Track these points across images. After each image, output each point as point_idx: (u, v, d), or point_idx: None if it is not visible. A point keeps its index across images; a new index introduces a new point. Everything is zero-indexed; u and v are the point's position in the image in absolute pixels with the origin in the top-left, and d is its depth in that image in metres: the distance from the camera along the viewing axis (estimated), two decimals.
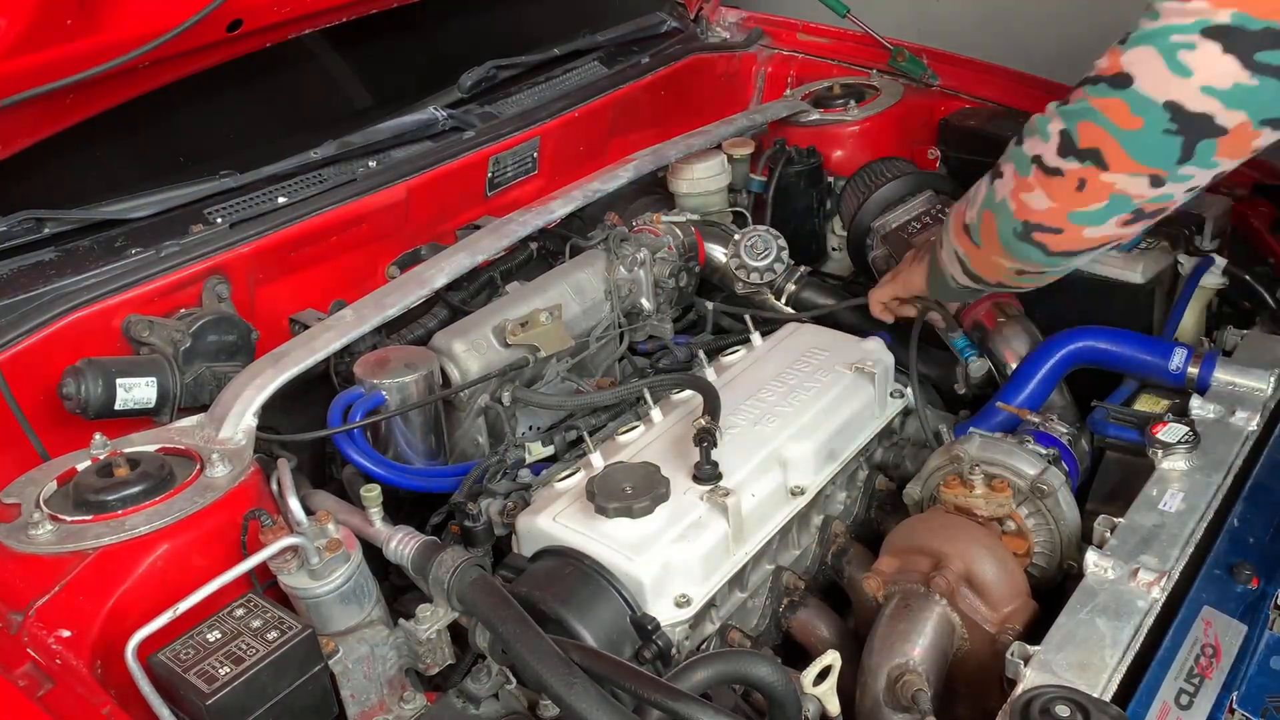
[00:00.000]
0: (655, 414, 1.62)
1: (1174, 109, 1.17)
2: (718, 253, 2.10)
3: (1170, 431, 1.49)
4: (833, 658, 1.25)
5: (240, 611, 1.23)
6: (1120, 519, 1.38)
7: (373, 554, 1.39)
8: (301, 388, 1.62)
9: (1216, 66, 1.14)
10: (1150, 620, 1.24)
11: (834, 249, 2.39)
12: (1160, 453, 1.47)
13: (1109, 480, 1.68)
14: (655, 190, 2.30)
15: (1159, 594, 1.26)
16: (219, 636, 1.19)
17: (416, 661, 1.35)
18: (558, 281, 1.89)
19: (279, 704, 1.18)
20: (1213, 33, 1.14)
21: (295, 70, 2.14)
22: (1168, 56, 1.16)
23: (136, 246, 1.70)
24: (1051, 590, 1.53)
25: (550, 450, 1.69)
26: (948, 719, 1.40)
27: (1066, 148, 1.24)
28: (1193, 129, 1.17)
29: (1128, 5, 1.29)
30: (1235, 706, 1.19)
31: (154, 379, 1.57)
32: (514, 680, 1.28)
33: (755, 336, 1.81)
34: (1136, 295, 1.87)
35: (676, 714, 1.10)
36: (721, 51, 2.65)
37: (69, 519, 1.31)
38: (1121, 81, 1.19)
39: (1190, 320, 1.88)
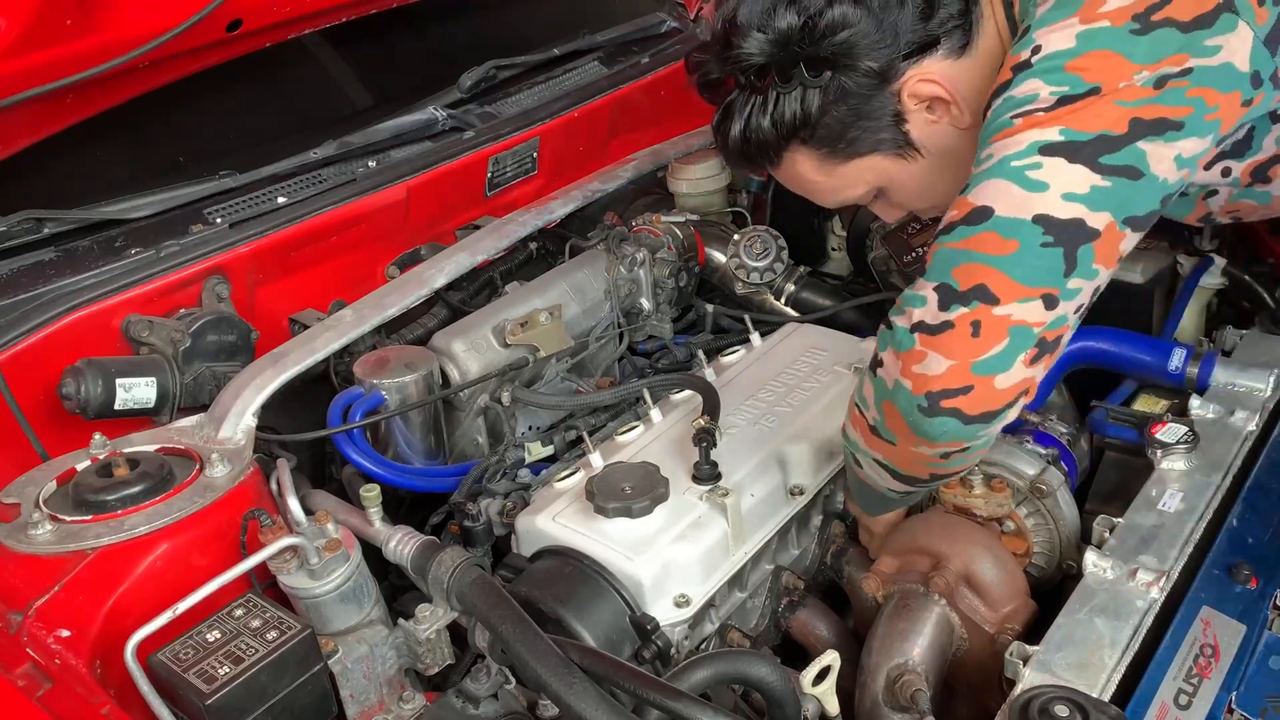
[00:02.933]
0: (655, 414, 1.62)
1: (1044, 220, 1.16)
2: (717, 253, 2.10)
3: (1169, 431, 1.49)
4: (832, 658, 1.25)
5: (240, 611, 1.23)
6: (1119, 519, 1.38)
7: (372, 554, 1.39)
8: (301, 388, 1.62)
9: (1068, 174, 1.16)
10: (1149, 620, 1.24)
11: (834, 249, 2.38)
12: (1159, 453, 1.47)
13: (1108, 480, 1.68)
14: (655, 190, 2.30)
15: (1158, 594, 1.26)
16: (218, 636, 1.19)
17: (416, 661, 1.35)
18: (557, 281, 1.89)
19: (278, 704, 1.18)
20: (1050, 149, 1.17)
21: (295, 70, 2.14)
22: (1018, 179, 1.17)
23: (136, 246, 1.70)
24: (1050, 590, 1.53)
25: (550, 450, 1.69)
26: (947, 719, 1.40)
27: (947, 298, 1.18)
28: (1067, 236, 1.16)
29: None
30: (1234, 706, 1.19)
31: (154, 379, 1.57)
32: (513, 680, 1.28)
33: (754, 336, 1.81)
34: (1136, 295, 1.87)
35: (676, 714, 1.10)
36: None
37: (69, 519, 1.31)
38: (980, 215, 1.19)
39: (1189, 320, 1.88)
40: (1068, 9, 1.23)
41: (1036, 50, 1.22)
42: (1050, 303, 1.17)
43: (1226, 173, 1.44)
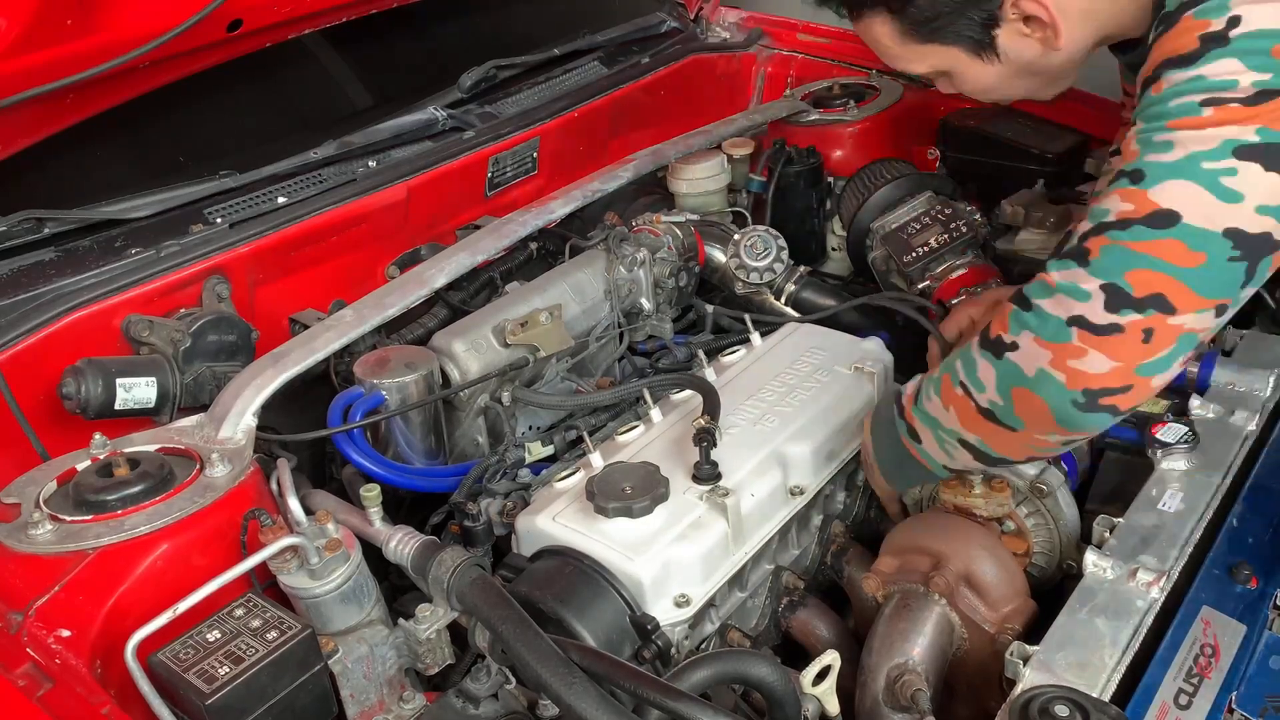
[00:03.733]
0: (655, 414, 1.62)
1: (1235, 235, 1.10)
2: (717, 253, 2.10)
3: (1170, 431, 1.49)
4: (832, 657, 1.25)
5: (240, 611, 1.23)
6: (1119, 519, 1.38)
7: (373, 554, 1.39)
8: (301, 388, 1.62)
9: (1264, 184, 1.09)
10: (1149, 620, 1.24)
11: (834, 249, 2.39)
12: (1160, 453, 1.47)
13: (1108, 480, 1.68)
14: (655, 190, 2.30)
15: (1158, 594, 1.26)
16: (219, 636, 1.19)
17: (416, 661, 1.35)
18: (557, 281, 1.89)
19: (278, 704, 1.18)
20: (1245, 153, 1.09)
21: (295, 70, 2.14)
22: (1211, 185, 1.10)
23: (136, 246, 1.70)
24: (1051, 590, 1.53)
25: (550, 450, 1.69)
26: (947, 719, 1.40)
27: (1118, 301, 1.13)
28: (1254, 250, 1.12)
29: None
30: (1234, 706, 1.19)
31: (154, 379, 1.57)
32: (513, 680, 1.28)
33: (755, 336, 1.81)
34: None
35: (676, 714, 1.10)
36: (721, 51, 2.65)
37: (69, 519, 1.31)
38: (1165, 220, 1.11)
39: None
40: None
41: (1235, 22, 1.10)
42: (1221, 311, 1.15)
43: None
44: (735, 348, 1.80)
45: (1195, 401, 1.58)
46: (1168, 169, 1.12)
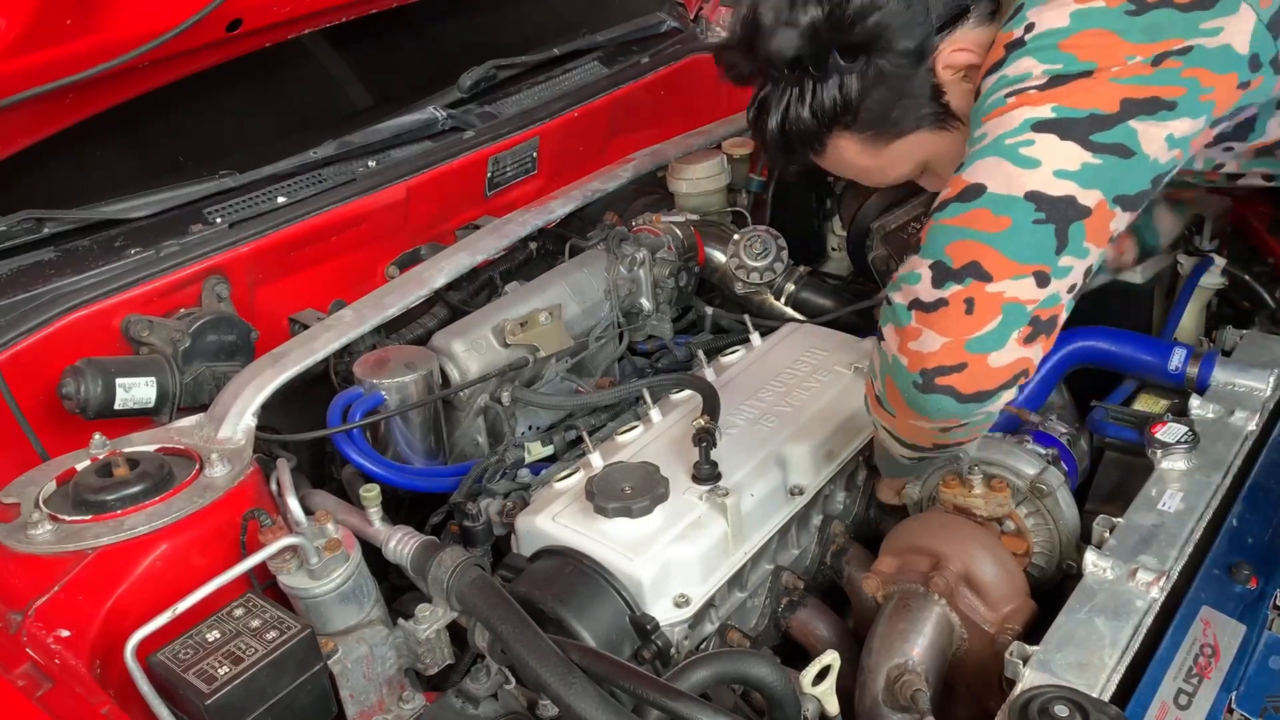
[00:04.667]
0: (655, 414, 1.62)
1: (1036, 197, 1.16)
2: (717, 253, 2.10)
3: (1169, 431, 1.49)
4: (832, 658, 1.25)
5: (239, 611, 1.23)
6: (1119, 519, 1.38)
7: (372, 554, 1.39)
8: (301, 388, 1.62)
9: (1060, 151, 1.16)
10: (1149, 620, 1.24)
11: (834, 249, 2.38)
12: (1159, 453, 1.47)
13: (1108, 480, 1.68)
14: (655, 190, 2.30)
15: (1158, 594, 1.26)
16: (218, 636, 1.19)
17: (416, 661, 1.35)
18: (557, 281, 1.89)
19: (278, 704, 1.18)
20: (1042, 126, 1.17)
21: (295, 70, 2.14)
22: (1011, 156, 1.17)
23: (136, 246, 1.70)
24: (1050, 590, 1.53)
25: (550, 450, 1.69)
26: (947, 719, 1.40)
27: (941, 275, 1.18)
28: (1059, 213, 1.16)
29: None
30: (1234, 706, 1.19)
31: (153, 379, 1.57)
32: (513, 680, 1.28)
33: (755, 336, 1.81)
34: (1136, 295, 1.87)
35: (676, 714, 1.10)
36: None
37: (68, 519, 1.31)
38: (973, 193, 1.19)
39: (1189, 320, 1.88)
40: None
41: (1030, 28, 1.22)
42: (1042, 280, 1.17)
43: (1229, 150, 1.44)
44: (735, 348, 1.80)
45: (1195, 401, 1.58)
46: (977, 153, 1.21)
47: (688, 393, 1.67)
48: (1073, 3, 1.21)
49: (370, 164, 1.97)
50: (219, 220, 1.77)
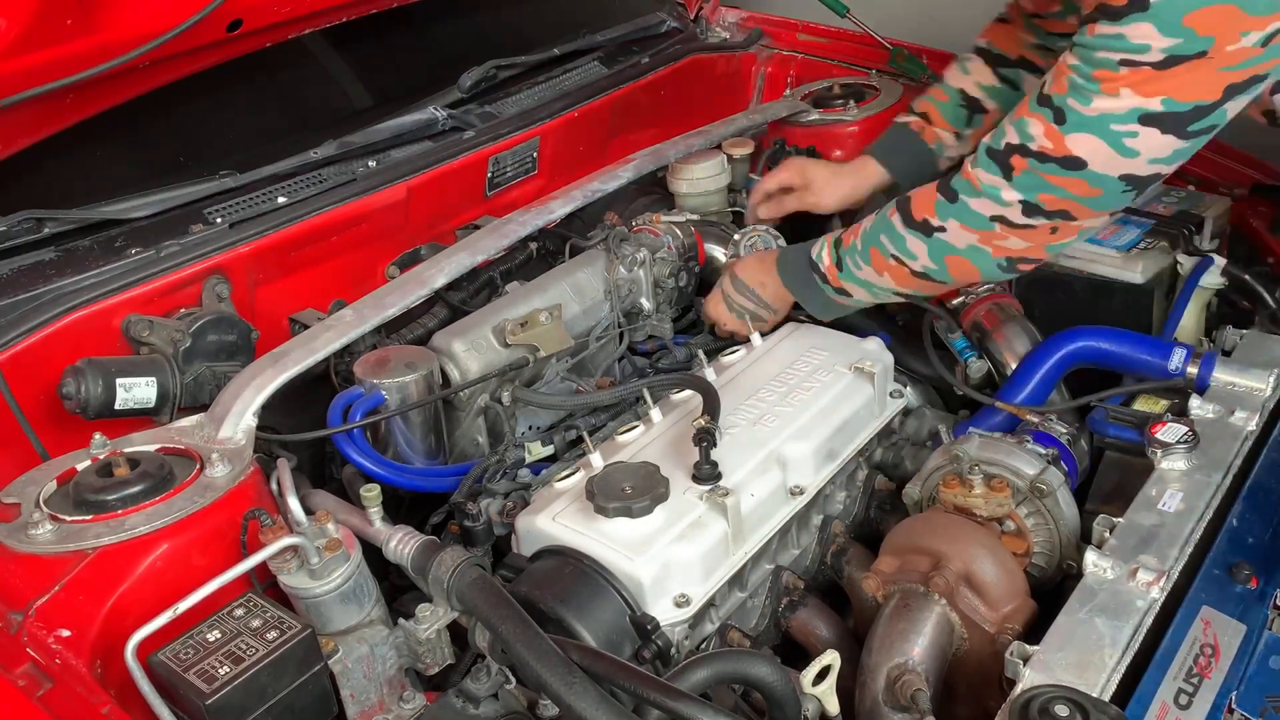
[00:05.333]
0: (655, 414, 1.62)
1: (1129, 179, 1.35)
2: (717, 253, 2.10)
3: (1169, 431, 1.49)
4: (832, 657, 1.25)
5: (240, 611, 1.23)
6: (1119, 519, 1.38)
7: (373, 554, 1.39)
8: (301, 388, 1.62)
9: (1158, 143, 1.32)
10: (1149, 620, 1.24)
11: None
12: (1159, 453, 1.47)
13: (1108, 480, 1.68)
14: (655, 190, 2.30)
15: (1158, 594, 1.26)
16: (219, 636, 1.19)
17: (416, 661, 1.35)
18: (557, 281, 1.89)
19: (278, 704, 1.18)
20: (1149, 119, 1.30)
21: (295, 70, 2.14)
22: (1114, 143, 1.33)
23: (136, 246, 1.70)
24: (1051, 590, 1.53)
25: (550, 450, 1.69)
26: (947, 719, 1.40)
27: (1033, 211, 1.41)
28: (1143, 184, 1.37)
29: None
30: (1234, 706, 1.19)
31: (154, 379, 1.57)
32: (513, 680, 1.28)
33: (755, 336, 1.81)
34: (1136, 295, 1.87)
35: (676, 713, 1.10)
36: (721, 51, 2.65)
37: (69, 519, 1.31)
38: (1074, 164, 1.35)
39: (1190, 320, 1.88)
40: None
41: None
42: (1115, 216, 1.49)
43: None
44: (735, 348, 1.80)
45: (1195, 401, 1.58)
46: (1083, 121, 1.34)
47: (688, 393, 1.67)
48: None
49: (370, 164, 1.97)
50: (219, 220, 1.77)
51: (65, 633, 1.21)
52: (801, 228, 2.31)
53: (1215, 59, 1.24)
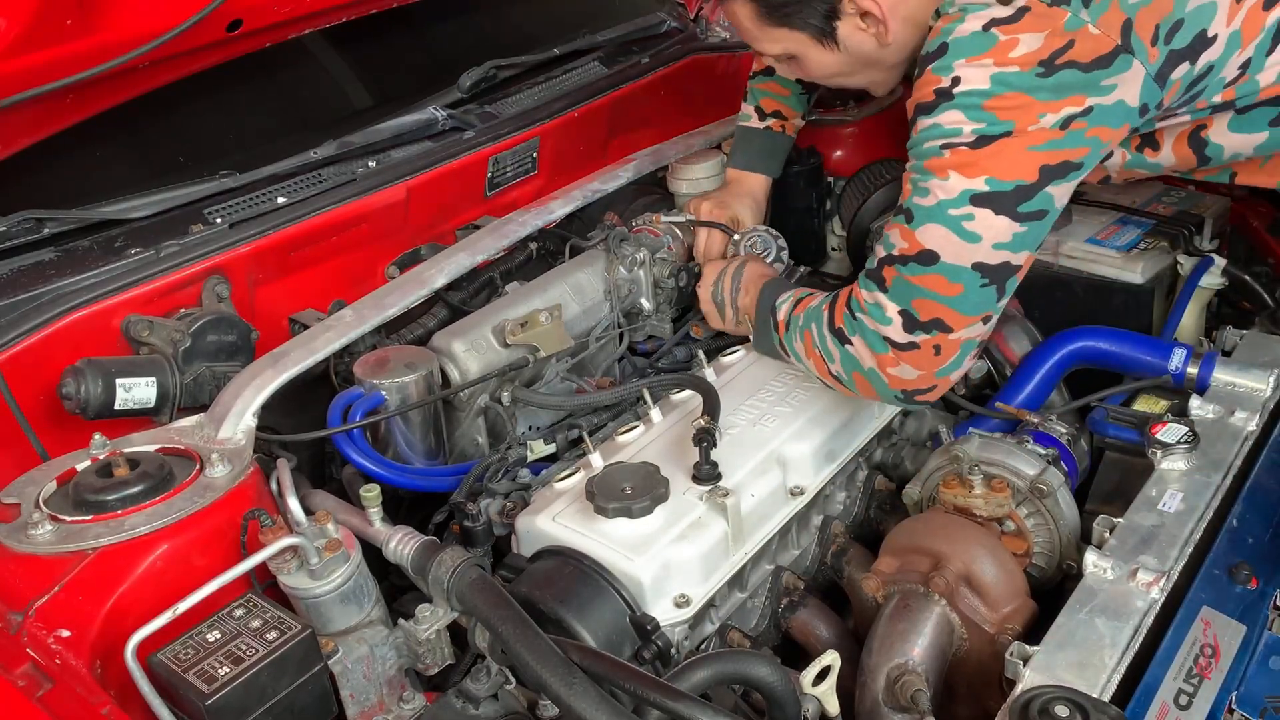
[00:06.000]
0: (655, 414, 1.62)
1: (980, 267, 1.41)
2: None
3: (1169, 432, 1.49)
4: (832, 658, 1.24)
5: (240, 611, 1.23)
6: (1119, 519, 1.38)
7: (373, 554, 1.39)
8: (301, 388, 1.62)
9: (995, 226, 1.39)
10: (1149, 620, 1.24)
11: (834, 249, 2.39)
12: (1159, 453, 1.47)
13: (1108, 480, 1.68)
14: (655, 190, 2.30)
15: (1158, 594, 1.26)
16: (218, 636, 1.19)
17: (416, 661, 1.35)
18: (557, 281, 1.89)
19: (278, 704, 1.18)
20: (979, 200, 1.38)
21: (295, 70, 2.14)
22: (954, 228, 1.40)
23: (136, 246, 1.70)
24: (1051, 590, 1.53)
25: (550, 450, 1.69)
26: (947, 719, 1.40)
27: (910, 324, 1.45)
28: (999, 276, 1.42)
29: None
30: (1234, 707, 1.20)
31: (154, 379, 1.57)
32: (513, 680, 1.28)
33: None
34: (1136, 295, 1.87)
35: (676, 714, 1.10)
36: (721, 51, 2.65)
37: (69, 519, 1.31)
38: (929, 258, 1.42)
39: (1189, 320, 1.88)
40: (984, 44, 1.37)
41: (956, 81, 1.38)
42: (988, 320, 1.47)
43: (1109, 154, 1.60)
44: (735, 348, 1.80)
45: (1195, 401, 1.58)
46: (926, 213, 1.42)
47: (688, 393, 1.67)
48: (993, 64, 1.36)
49: (370, 164, 1.97)
50: (219, 220, 1.77)
51: (65, 633, 1.21)
52: (802, 227, 2.32)
53: (1021, 138, 1.36)
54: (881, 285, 1.46)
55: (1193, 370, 1.65)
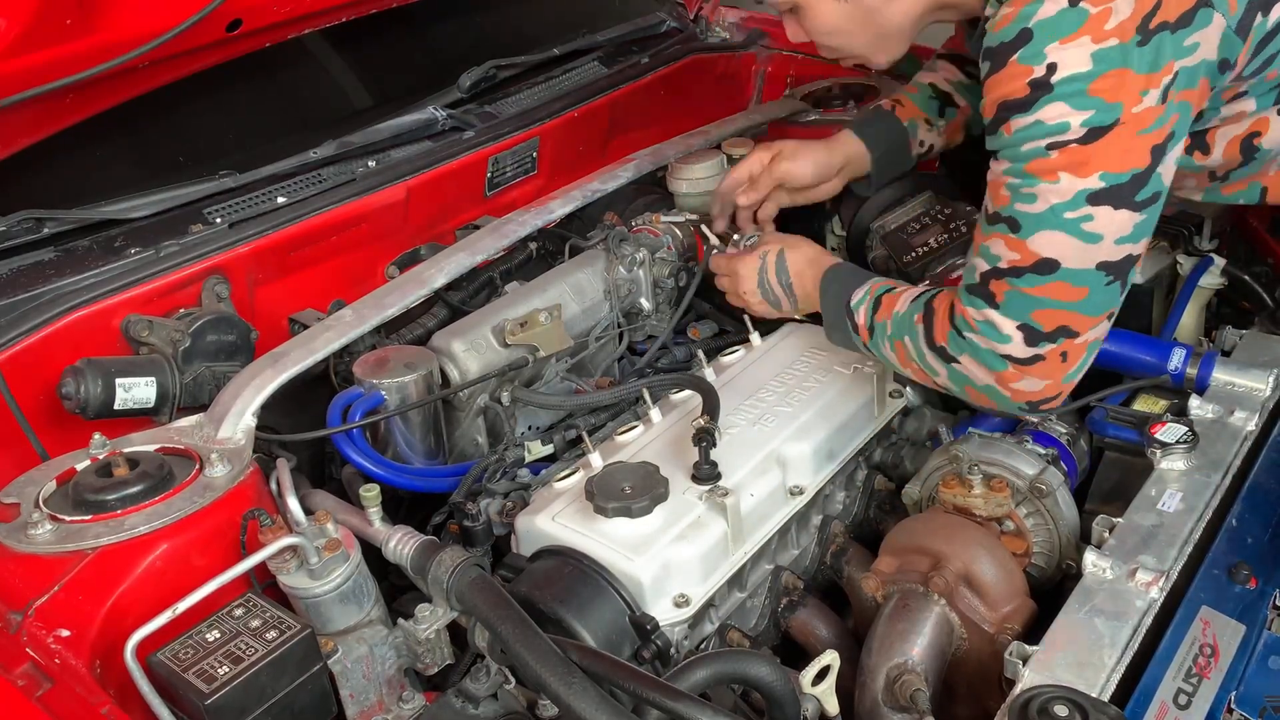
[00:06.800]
0: (654, 414, 1.62)
1: (1105, 266, 1.33)
2: None
3: (1169, 431, 1.49)
4: (831, 657, 1.25)
5: (239, 611, 1.23)
6: (1119, 519, 1.38)
7: (372, 554, 1.39)
8: (301, 388, 1.62)
9: (1116, 221, 1.31)
10: (1149, 620, 1.24)
11: (834, 249, 2.38)
12: (1159, 453, 1.47)
13: (1108, 480, 1.68)
14: (655, 190, 2.30)
15: (1157, 594, 1.26)
16: (218, 636, 1.19)
17: (415, 661, 1.35)
18: (557, 281, 1.89)
19: (278, 704, 1.18)
20: (1097, 198, 1.30)
21: (295, 70, 2.14)
22: (1075, 232, 1.31)
23: (136, 246, 1.70)
24: (1050, 590, 1.53)
25: (549, 450, 1.69)
26: (946, 719, 1.40)
27: (1033, 337, 1.36)
28: (1122, 270, 1.35)
29: None
30: (1234, 706, 1.19)
31: (153, 379, 1.57)
32: (513, 680, 1.28)
33: (754, 336, 1.81)
34: (1135, 295, 1.87)
35: (675, 714, 1.10)
36: (721, 51, 2.65)
37: (68, 519, 1.31)
38: (1048, 266, 1.33)
39: (1189, 320, 1.88)
40: (1075, 20, 1.27)
41: (1053, 69, 1.27)
42: (1112, 316, 1.39)
43: None
44: (734, 348, 1.80)
45: (1195, 401, 1.58)
46: (1038, 220, 1.32)
47: (687, 393, 1.67)
48: (1090, 41, 1.26)
49: (370, 164, 1.97)
50: (219, 220, 1.77)
51: (65, 633, 1.21)
52: (802, 227, 2.32)
53: (1130, 124, 1.28)
54: (991, 301, 1.37)
55: (1192, 370, 1.65)
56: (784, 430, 1.57)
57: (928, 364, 1.47)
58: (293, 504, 1.39)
